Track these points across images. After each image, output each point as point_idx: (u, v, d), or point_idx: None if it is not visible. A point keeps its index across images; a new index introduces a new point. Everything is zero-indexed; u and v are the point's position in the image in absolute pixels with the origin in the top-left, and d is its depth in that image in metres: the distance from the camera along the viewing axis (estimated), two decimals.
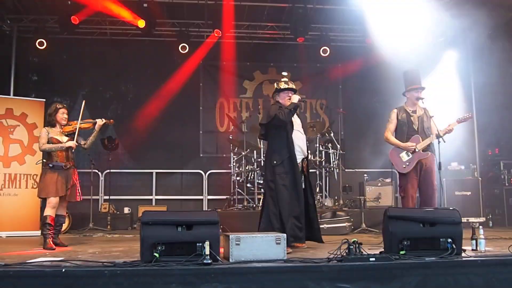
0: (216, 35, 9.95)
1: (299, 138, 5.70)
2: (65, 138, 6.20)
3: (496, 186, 9.97)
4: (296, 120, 5.79)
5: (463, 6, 9.30)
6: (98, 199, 10.07)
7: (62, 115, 6.23)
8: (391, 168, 6.40)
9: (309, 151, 5.59)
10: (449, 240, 4.36)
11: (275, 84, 5.94)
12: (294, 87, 5.85)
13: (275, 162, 5.59)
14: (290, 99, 5.69)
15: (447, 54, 10.52)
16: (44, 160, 6.23)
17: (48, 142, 6.10)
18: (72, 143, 6.15)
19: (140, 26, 9.62)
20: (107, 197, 9.87)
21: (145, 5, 9.57)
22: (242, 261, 4.15)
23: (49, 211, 5.96)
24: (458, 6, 9.33)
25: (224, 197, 10.16)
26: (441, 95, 9.46)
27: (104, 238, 7.62)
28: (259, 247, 4.27)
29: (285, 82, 5.82)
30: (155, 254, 3.97)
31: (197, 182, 10.71)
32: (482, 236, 4.96)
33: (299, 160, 5.64)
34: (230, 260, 4.18)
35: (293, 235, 5.36)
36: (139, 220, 8.41)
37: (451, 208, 4.75)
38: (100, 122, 6.39)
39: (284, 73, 5.87)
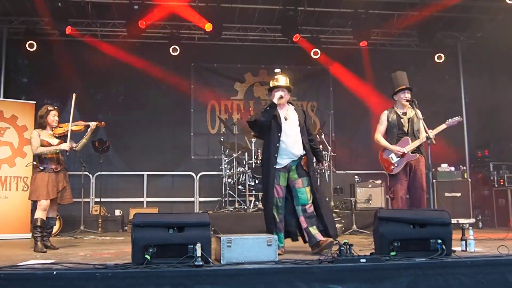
0: (206, 29, 9.89)
1: (288, 137, 5.36)
2: (55, 141, 6.16)
3: (486, 187, 10.06)
4: (290, 116, 5.47)
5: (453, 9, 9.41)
6: (89, 202, 10.01)
7: (53, 117, 6.21)
8: (382, 170, 6.45)
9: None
10: (439, 241, 4.39)
11: (270, 82, 5.69)
12: (285, 84, 5.51)
13: (260, 162, 5.55)
14: (281, 97, 5.41)
15: (437, 57, 10.60)
16: (35, 163, 6.19)
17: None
18: (67, 146, 6.11)
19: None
20: (98, 200, 9.83)
21: (136, 7, 9.56)
22: (233, 263, 4.15)
23: (39, 214, 5.92)
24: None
25: (216, 199, 10.16)
26: (431, 98, 9.55)
27: (95, 241, 7.58)
28: (250, 248, 4.27)
29: (276, 80, 5.56)
30: (147, 256, 3.96)
31: (188, 184, 10.69)
32: (471, 237, 5.00)
33: (286, 162, 5.35)
34: (222, 262, 4.18)
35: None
36: (130, 222, 8.40)
37: (441, 210, 4.78)
38: (93, 126, 6.37)
39: (277, 70, 5.68)
